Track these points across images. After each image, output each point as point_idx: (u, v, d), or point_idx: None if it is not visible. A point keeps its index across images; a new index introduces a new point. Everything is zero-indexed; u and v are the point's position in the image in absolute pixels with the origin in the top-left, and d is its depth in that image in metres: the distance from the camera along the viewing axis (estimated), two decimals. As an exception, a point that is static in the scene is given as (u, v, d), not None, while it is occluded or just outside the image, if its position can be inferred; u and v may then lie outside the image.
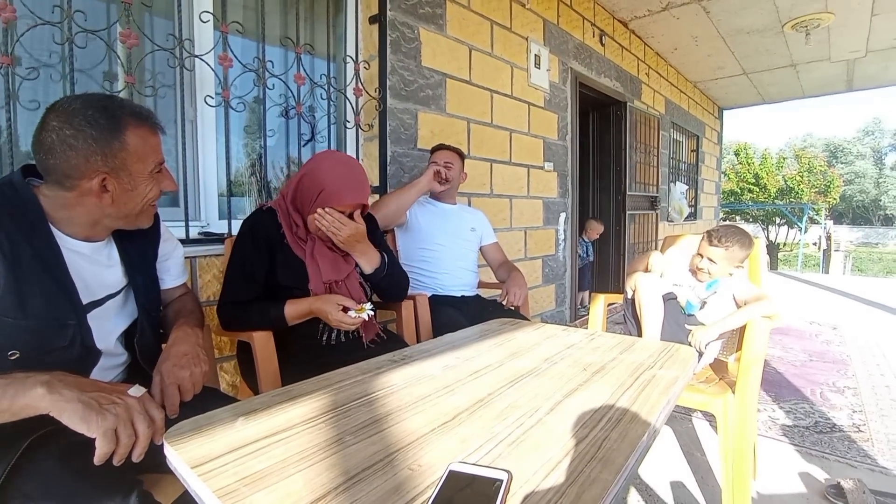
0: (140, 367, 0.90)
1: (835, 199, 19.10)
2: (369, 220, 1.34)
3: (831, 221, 17.52)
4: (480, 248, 2.01)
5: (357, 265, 1.28)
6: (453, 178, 1.89)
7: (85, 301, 0.79)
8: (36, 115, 1.27)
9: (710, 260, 1.51)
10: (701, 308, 1.55)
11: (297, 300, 1.18)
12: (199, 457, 0.56)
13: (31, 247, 0.72)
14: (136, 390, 0.70)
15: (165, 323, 0.99)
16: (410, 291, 1.83)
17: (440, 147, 1.95)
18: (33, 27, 1.22)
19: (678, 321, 1.50)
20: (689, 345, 1.44)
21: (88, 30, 1.30)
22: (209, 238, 1.57)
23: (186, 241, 1.50)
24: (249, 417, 0.66)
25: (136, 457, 0.64)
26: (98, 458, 0.62)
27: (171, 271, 1.04)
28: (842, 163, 31.84)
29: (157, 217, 0.95)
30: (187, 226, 1.52)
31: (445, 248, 1.85)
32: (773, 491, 1.49)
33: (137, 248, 0.92)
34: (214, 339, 1.33)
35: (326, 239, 1.21)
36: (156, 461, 0.65)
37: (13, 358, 0.70)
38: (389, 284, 1.34)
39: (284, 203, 1.22)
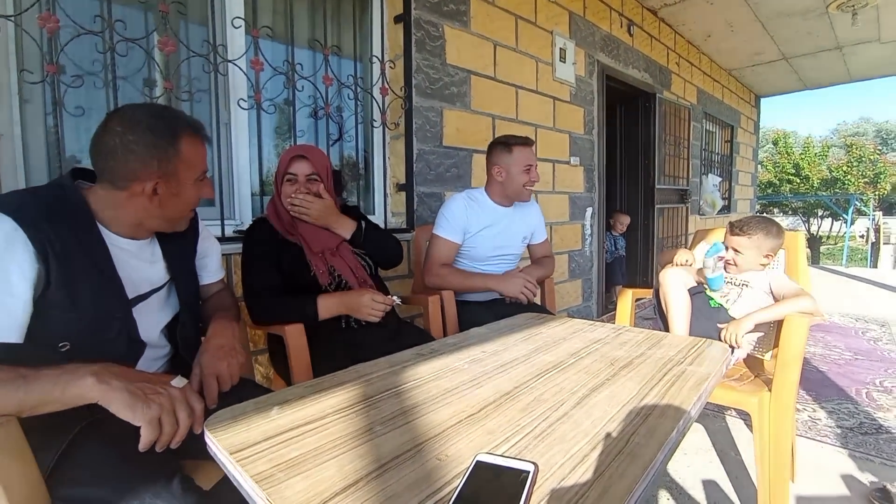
0: (182, 358, 0.94)
1: (885, 189, 17.96)
2: (352, 210, 1.46)
3: (881, 213, 16.48)
4: (528, 245, 1.90)
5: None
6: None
7: (131, 296, 0.84)
8: (80, 121, 1.35)
9: (735, 250, 1.46)
10: (734, 302, 1.49)
11: (329, 295, 1.25)
12: (237, 444, 0.58)
13: (80, 243, 0.77)
14: (179, 381, 0.73)
15: (204, 317, 1.04)
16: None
17: (520, 143, 1.66)
18: (76, 37, 1.29)
19: (707, 316, 1.45)
20: (721, 339, 1.39)
21: (128, 38, 1.37)
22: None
23: (222, 240, 1.56)
24: (283, 407, 0.69)
25: (175, 444, 0.68)
26: (143, 445, 0.65)
27: (210, 268, 1.09)
28: (894, 150, 29.80)
29: (196, 217, 1.00)
30: (223, 224, 1.59)
31: (489, 266, 1.74)
32: (812, 493, 1.43)
33: (178, 246, 0.97)
34: (249, 333, 1.39)
35: (307, 223, 1.32)
36: (196, 448, 0.68)
37: (64, 350, 0.74)
38: (376, 248, 1.42)
39: (274, 203, 1.32)
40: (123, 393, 0.65)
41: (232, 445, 0.58)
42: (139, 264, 0.88)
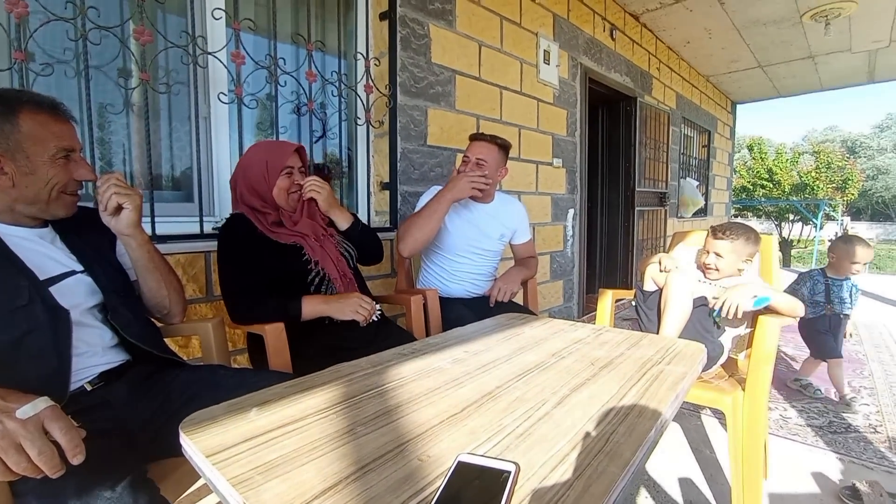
0: (132, 344, 0.93)
1: (853, 194, 18.68)
2: None
3: (848, 217, 17.09)
4: (510, 244, 1.91)
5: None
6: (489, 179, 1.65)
7: (42, 277, 0.82)
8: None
9: (717, 254, 1.50)
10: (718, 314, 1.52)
11: (314, 297, 1.24)
12: (213, 446, 0.57)
13: None
14: (32, 407, 0.59)
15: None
16: (420, 286, 1.84)
17: (474, 137, 1.71)
18: (46, 23, 1.24)
19: (705, 326, 1.46)
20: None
21: (102, 26, 1.32)
22: (222, 233, 1.60)
23: (200, 237, 1.53)
24: (263, 408, 0.67)
25: (53, 475, 0.58)
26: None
27: (129, 265, 1.04)
28: (863, 157, 30.92)
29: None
30: (201, 221, 1.55)
31: (467, 261, 1.76)
32: (785, 490, 1.47)
33: (87, 240, 0.95)
34: (228, 333, 1.36)
35: (306, 207, 1.35)
36: (169, 447, 0.66)
37: None
38: (365, 240, 1.45)
39: (245, 207, 1.30)
40: None
41: (208, 448, 0.57)
42: (39, 249, 0.86)
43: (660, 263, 1.53)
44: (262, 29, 1.76)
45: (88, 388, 0.86)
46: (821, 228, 12.06)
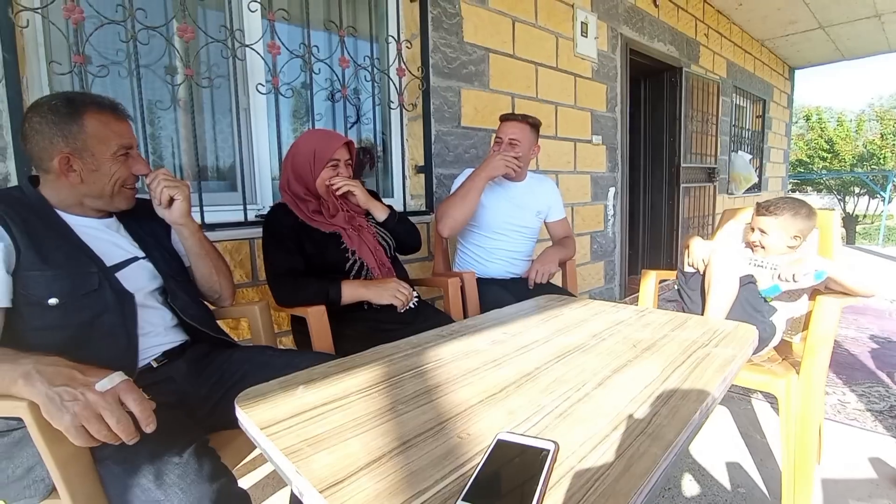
0: (189, 325, 1.00)
1: (926, 163, 16.93)
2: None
3: (921, 189, 15.55)
4: (545, 223, 1.91)
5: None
6: (521, 158, 1.67)
7: (108, 263, 0.88)
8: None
9: (762, 231, 1.41)
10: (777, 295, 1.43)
11: (353, 282, 1.28)
12: (266, 419, 0.61)
13: (43, 223, 0.83)
14: (110, 381, 0.65)
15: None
16: (457, 268, 1.85)
17: (505, 118, 1.73)
18: (100, 26, 1.31)
19: (754, 305, 1.37)
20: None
21: (149, 26, 1.38)
22: (265, 220, 1.67)
23: (244, 224, 1.60)
24: (309, 386, 0.71)
25: (129, 441, 0.64)
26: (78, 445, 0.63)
27: (183, 252, 1.11)
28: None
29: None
30: (245, 209, 1.62)
31: (504, 238, 1.77)
32: (838, 476, 1.41)
33: (146, 228, 1.02)
34: (273, 315, 1.42)
35: (342, 202, 1.37)
36: (226, 420, 0.71)
37: (54, 304, 0.79)
38: (401, 230, 1.46)
39: (288, 194, 1.33)
40: (42, 398, 0.62)
41: (262, 421, 0.60)
42: (106, 237, 0.93)
43: (688, 254, 1.45)
44: (296, 18, 1.78)
45: (154, 364, 0.93)
46: (889, 202, 11.05)
